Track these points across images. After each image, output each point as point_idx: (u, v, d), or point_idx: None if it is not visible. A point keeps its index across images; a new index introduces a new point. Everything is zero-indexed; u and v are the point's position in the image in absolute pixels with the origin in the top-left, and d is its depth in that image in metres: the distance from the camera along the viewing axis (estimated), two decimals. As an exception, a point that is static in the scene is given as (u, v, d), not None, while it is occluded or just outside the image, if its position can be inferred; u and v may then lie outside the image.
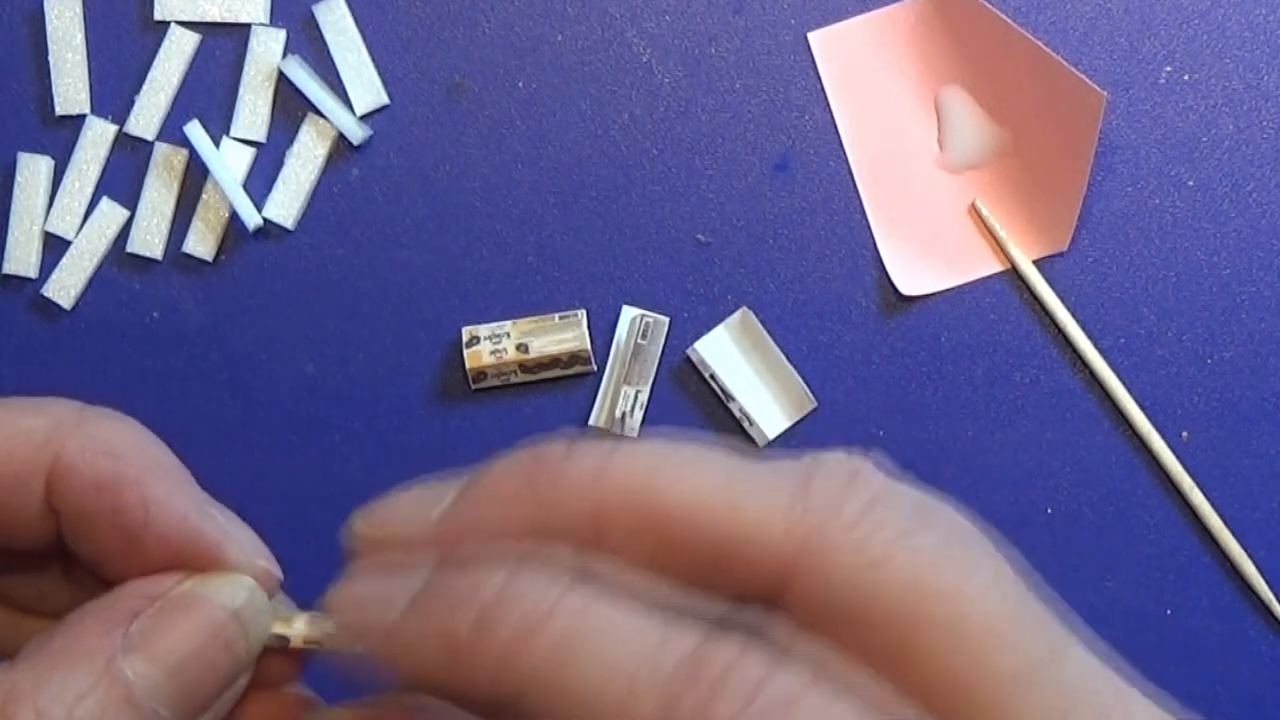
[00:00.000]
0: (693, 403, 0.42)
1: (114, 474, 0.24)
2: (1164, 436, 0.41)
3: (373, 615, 0.21)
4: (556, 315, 0.42)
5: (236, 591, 0.24)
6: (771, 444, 0.42)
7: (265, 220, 0.42)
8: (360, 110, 0.43)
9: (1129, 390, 0.41)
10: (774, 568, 0.20)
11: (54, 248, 0.43)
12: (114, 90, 0.43)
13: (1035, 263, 0.42)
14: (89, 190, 0.43)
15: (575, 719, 0.20)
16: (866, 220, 0.42)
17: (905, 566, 0.20)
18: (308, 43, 0.43)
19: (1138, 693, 0.21)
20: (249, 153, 0.43)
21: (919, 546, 0.20)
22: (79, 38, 0.43)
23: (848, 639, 0.20)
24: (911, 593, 0.20)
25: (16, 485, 0.24)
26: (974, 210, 0.42)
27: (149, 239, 0.43)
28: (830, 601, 0.20)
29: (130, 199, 0.43)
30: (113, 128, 0.43)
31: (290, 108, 0.43)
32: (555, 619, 0.20)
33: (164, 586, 0.23)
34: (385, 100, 0.43)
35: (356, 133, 0.42)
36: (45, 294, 0.43)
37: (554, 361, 0.41)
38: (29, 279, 0.43)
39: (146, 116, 0.43)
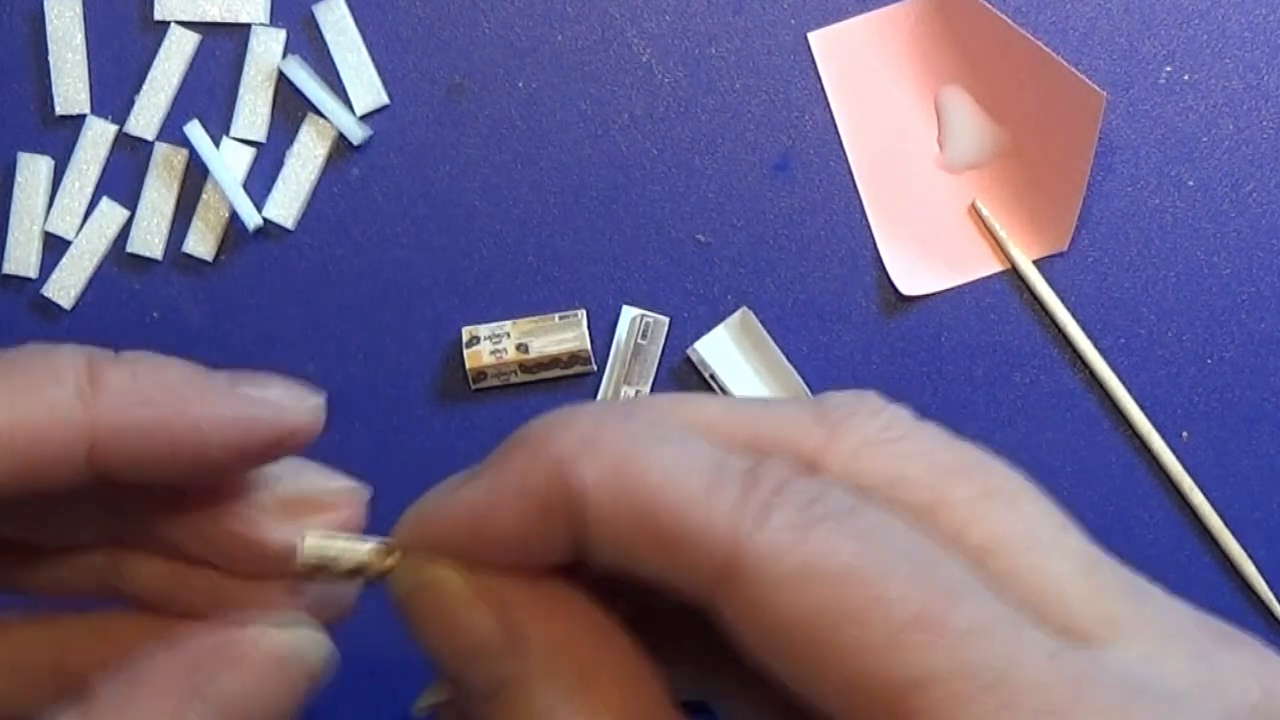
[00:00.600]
0: (693, 403, 0.42)
1: (156, 419, 0.25)
2: (1164, 436, 0.41)
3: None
4: (556, 315, 0.42)
5: (297, 639, 0.25)
6: (771, 444, 0.42)
7: (265, 220, 0.42)
8: (360, 110, 0.43)
9: (1129, 390, 0.41)
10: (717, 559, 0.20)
11: (54, 248, 0.43)
12: (114, 90, 0.43)
13: (1035, 263, 0.42)
14: (89, 190, 0.43)
15: (650, 520, 0.20)
16: (866, 220, 0.42)
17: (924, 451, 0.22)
18: (308, 43, 0.43)
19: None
20: (249, 153, 0.43)
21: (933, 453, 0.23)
22: (79, 38, 0.43)
23: None
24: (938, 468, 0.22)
25: (56, 465, 0.24)
26: (974, 210, 0.42)
27: (149, 239, 0.43)
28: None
29: (130, 199, 0.43)
30: (113, 128, 0.43)
31: (290, 108, 0.43)
32: (631, 422, 0.21)
33: (229, 637, 0.24)
34: (385, 100, 0.43)
35: (356, 133, 0.42)
36: (45, 294, 0.43)
37: (554, 361, 0.41)
38: (29, 279, 0.43)
39: (146, 116, 0.43)
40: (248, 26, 0.43)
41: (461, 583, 0.23)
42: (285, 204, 0.43)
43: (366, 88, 0.43)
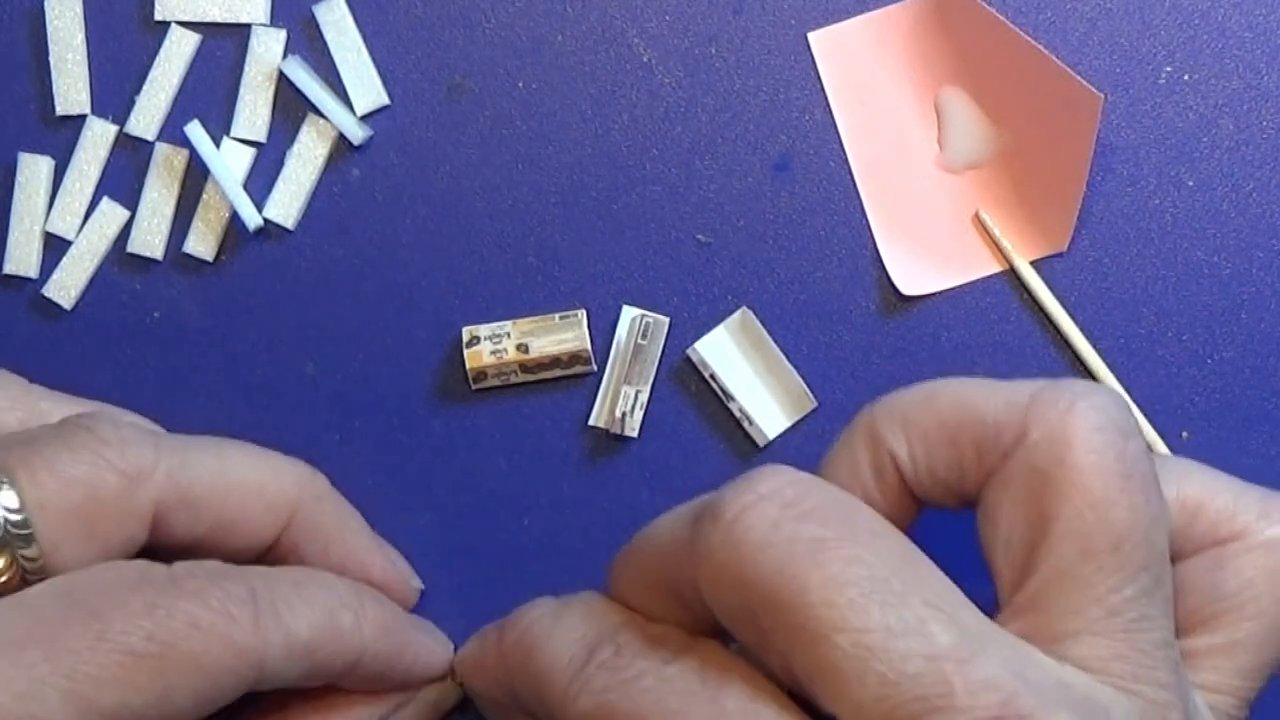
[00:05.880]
0: (693, 403, 0.42)
1: (395, 647, 0.37)
2: (1164, 436, 0.41)
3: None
4: (556, 315, 0.42)
5: (444, 690, 0.39)
6: (772, 444, 0.42)
7: (265, 220, 0.42)
8: (360, 110, 0.43)
9: (1129, 390, 0.41)
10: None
11: (54, 248, 0.43)
12: (114, 90, 0.43)
13: (1034, 263, 0.42)
14: (89, 190, 0.43)
15: (536, 689, 0.33)
16: (866, 220, 0.42)
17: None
18: (308, 43, 0.43)
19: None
20: (249, 153, 0.43)
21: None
22: (79, 38, 0.43)
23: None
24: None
25: (330, 673, 0.35)
26: (974, 210, 0.42)
27: (149, 239, 0.43)
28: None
29: (130, 199, 0.43)
30: (113, 128, 0.43)
31: (290, 108, 0.43)
32: (527, 630, 0.34)
33: (407, 694, 0.38)
34: (385, 100, 0.43)
35: (356, 133, 0.42)
36: (45, 294, 0.43)
37: (554, 361, 0.41)
38: (29, 279, 0.43)
39: (147, 116, 0.43)
40: (248, 27, 0.43)
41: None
42: (285, 204, 0.43)
43: (366, 88, 0.43)
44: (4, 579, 0.33)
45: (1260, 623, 0.32)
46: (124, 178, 0.43)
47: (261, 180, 0.43)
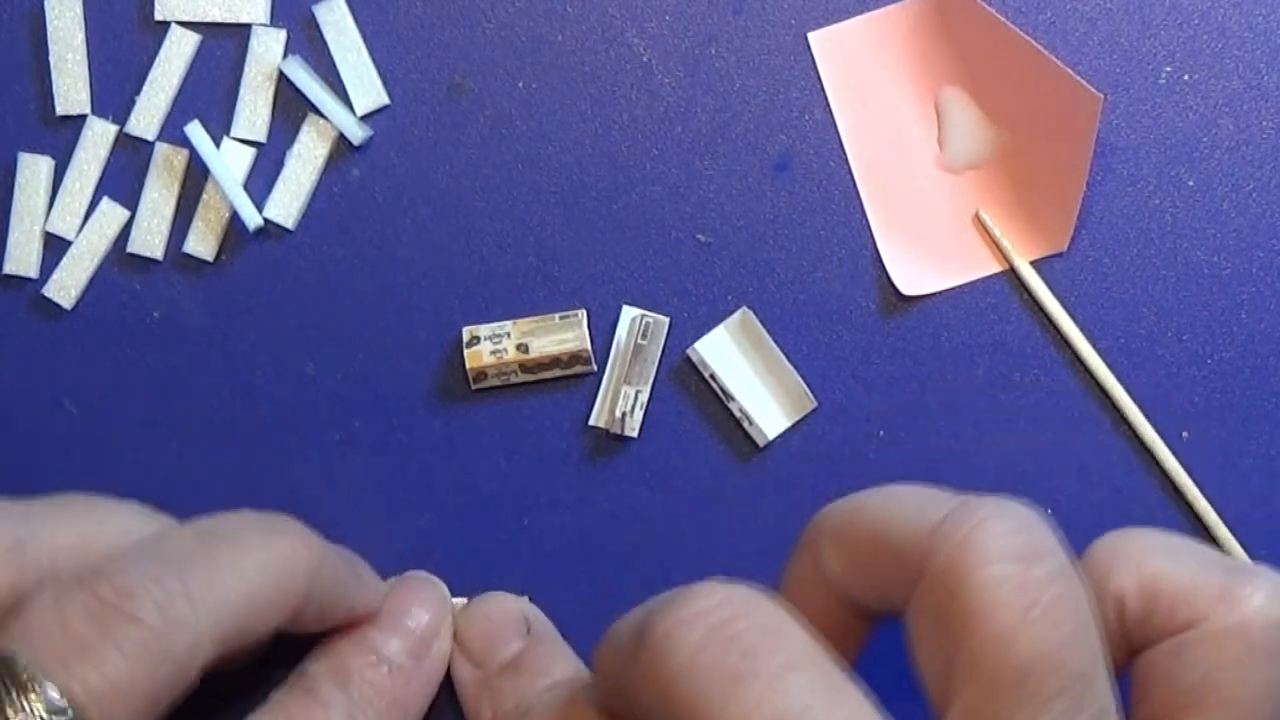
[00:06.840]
0: (693, 403, 0.42)
1: (335, 602, 0.37)
2: (1164, 436, 0.41)
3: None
4: (556, 315, 0.42)
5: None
6: (771, 444, 0.42)
7: (266, 220, 0.42)
8: (360, 110, 0.43)
9: (1129, 390, 0.41)
10: None
11: (54, 248, 0.43)
12: (114, 90, 0.43)
13: (1034, 263, 0.42)
14: (89, 190, 0.43)
15: None
16: (866, 220, 0.42)
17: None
18: (308, 43, 0.43)
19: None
20: (249, 153, 0.43)
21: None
22: (79, 38, 0.43)
23: None
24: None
25: (279, 621, 0.35)
26: (974, 210, 0.42)
27: (149, 239, 0.43)
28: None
29: (131, 199, 0.43)
30: (113, 128, 0.43)
31: (291, 108, 0.43)
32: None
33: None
34: (385, 100, 0.43)
35: (357, 133, 0.42)
36: (45, 294, 0.43)
37: (554, 361, 0.41)
38: (29, 279, 0.43)
39: (147, 116, 0.43)
40: (248, 27, 0.43)
41: None
42: (285, 204, 0.43)
43: (366, 88, 0.43)
44: None
45: (1228, 712, 0.30)
46: (124, 178, 0.43)
47: (261, 180, 0.43)
